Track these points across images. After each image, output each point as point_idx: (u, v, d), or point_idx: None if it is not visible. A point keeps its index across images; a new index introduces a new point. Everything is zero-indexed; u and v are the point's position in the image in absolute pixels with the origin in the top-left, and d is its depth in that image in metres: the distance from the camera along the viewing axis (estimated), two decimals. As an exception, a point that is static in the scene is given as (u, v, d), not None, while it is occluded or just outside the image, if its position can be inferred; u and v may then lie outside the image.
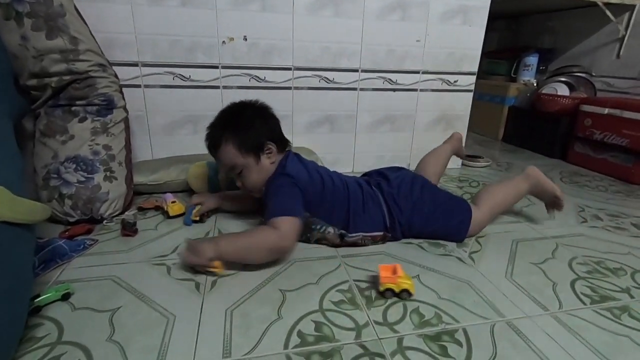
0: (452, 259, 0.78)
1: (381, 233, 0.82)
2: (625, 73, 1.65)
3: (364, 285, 0.68)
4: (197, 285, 0.66)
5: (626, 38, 1.63)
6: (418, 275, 0.72)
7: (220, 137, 0.80)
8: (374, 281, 0.69)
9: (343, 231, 0.80)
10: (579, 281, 0.73)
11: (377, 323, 0.59)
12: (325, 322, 0.58)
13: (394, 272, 0.66)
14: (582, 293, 0.69)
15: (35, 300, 0.58)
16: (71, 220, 0.86)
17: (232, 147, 0.79)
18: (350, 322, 0.59)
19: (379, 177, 0.91)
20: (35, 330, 0.55)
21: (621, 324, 0.61)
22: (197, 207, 0.91)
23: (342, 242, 0.81)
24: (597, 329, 0.60)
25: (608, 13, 1.60)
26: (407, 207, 0.84)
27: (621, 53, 1.66)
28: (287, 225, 0.71)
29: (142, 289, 0.65)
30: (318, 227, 0.79)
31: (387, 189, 0.85)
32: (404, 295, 0.64)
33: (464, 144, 1.44)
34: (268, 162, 0.81)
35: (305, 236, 0.81)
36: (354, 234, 0.80)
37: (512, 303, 0.65)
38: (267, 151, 0.81)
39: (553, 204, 0.95)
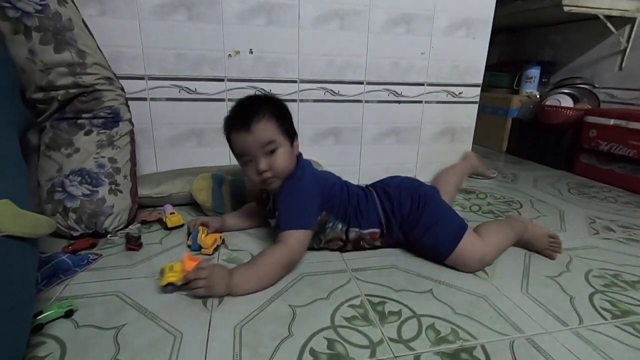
0: (465, 273, 0.76)
1: (378, 230, 0.82)
2: (628, 84, 1.65)
3: (376, 300, 0.66)
4: (205, 301, 0.64)
5: (628, 50, 1.64)
6: (431, 289, 0.70)
7: (260, 110, 0.74)
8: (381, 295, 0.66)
9: (346, 226, 0.81)
10: (597, 295, 0.70)
11: (392, 340, 0.56)
12: (338, 339, 0.56)
13: None
14: (601, 307, 0.67)
15: (38, 318, 0.56)
16: (75, 234, 0.84)
17: (274, 122, 0.75)
18: (364, 339, 0.56)
19: (377, 183, 0.91)
20: (38, 349, 0.53)
21: (645, 340, 0.59)
22: (202, 229, 0.83)
23: (347, 239, 0.81)
24: (621, 345, 0.57)
25: (609, 25, 1.61)
26: (404, 211, 0.81)
27: (623, 65, 1.66)
28: (299, 239, 0.73)
29: (148, 305, 0.63)
30: (330, 224, 0.80)
31: (380, 187, 0.86)
32: None
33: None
34: (294, 154, 0.80)
35: (318, 238, 0.81)
36: (354, 229, 0.81)
37: (530, 318, 0.63)
38: (295, 143, 0.81)
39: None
